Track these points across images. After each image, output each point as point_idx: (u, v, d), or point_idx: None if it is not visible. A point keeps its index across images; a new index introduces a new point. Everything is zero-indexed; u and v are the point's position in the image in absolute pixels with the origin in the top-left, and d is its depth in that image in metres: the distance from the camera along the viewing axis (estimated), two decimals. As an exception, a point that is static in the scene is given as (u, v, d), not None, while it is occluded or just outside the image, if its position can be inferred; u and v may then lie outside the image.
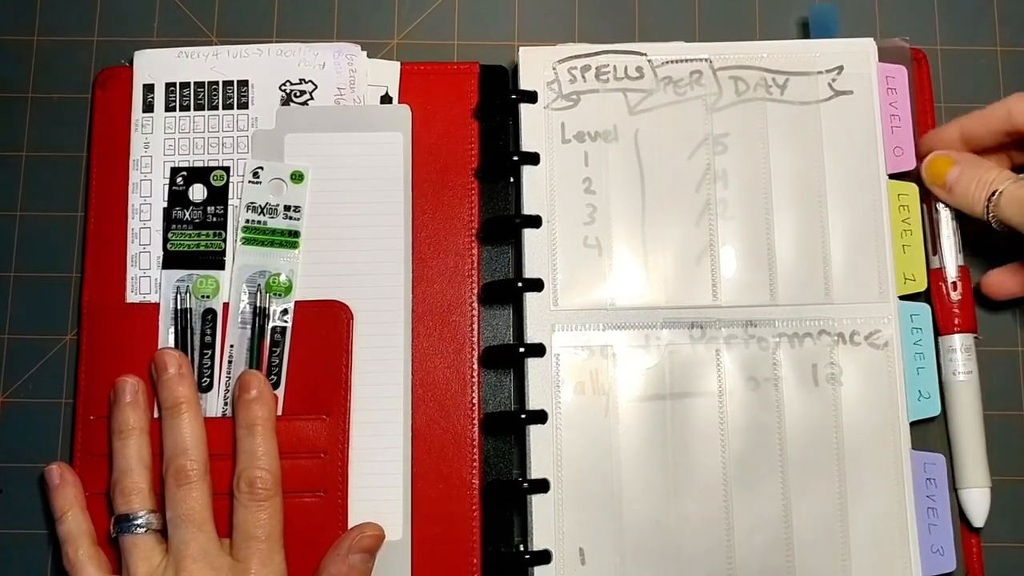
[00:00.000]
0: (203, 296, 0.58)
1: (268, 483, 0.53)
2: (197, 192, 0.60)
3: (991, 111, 0.57)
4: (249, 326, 0.57)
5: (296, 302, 0.58)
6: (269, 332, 0.57)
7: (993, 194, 0.55)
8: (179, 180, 0.60)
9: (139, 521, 0.53)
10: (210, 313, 0.58)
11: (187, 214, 0.59)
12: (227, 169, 0.60)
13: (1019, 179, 0.55)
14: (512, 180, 0.60)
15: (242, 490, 0.53)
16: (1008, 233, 0.56)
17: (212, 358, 0.57)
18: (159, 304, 0.58)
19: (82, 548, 0.54)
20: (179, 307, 0.58)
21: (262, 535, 0.53)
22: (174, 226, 0.59)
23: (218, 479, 0.55)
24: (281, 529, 0.54)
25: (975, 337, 0.59)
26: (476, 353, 0.59)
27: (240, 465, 0.54)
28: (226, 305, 0.58)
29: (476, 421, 0.58)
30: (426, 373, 0.58)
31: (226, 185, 0.60)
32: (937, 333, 0.59)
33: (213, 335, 0.58)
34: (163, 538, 0.53)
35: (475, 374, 0.58)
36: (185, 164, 0.60)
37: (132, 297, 0.58)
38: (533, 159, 0.60)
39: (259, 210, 0.59)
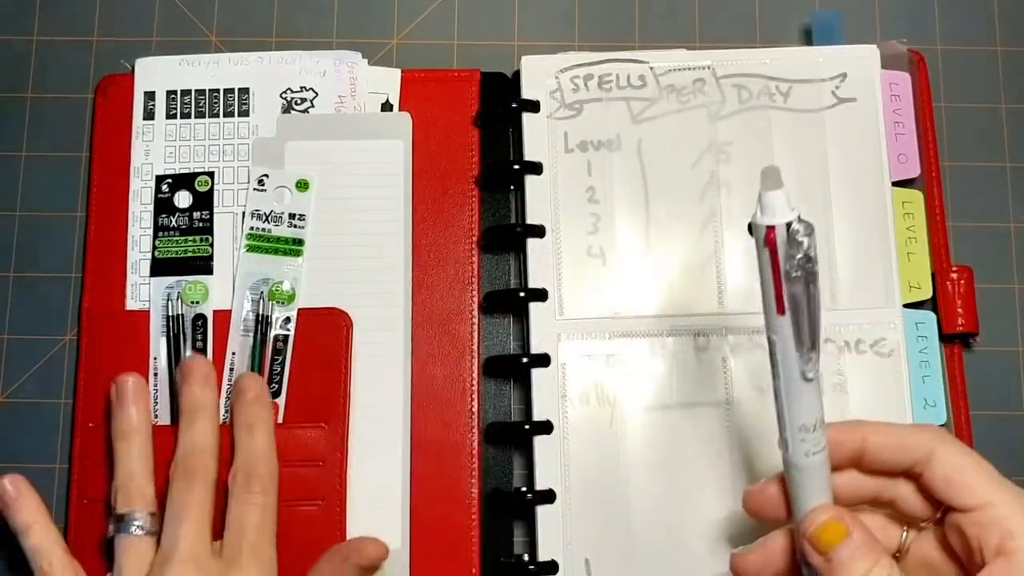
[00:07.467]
0: (193, 302, 0.58)
1: (264, 480, 0.52)
2: (183, 198, 0.59)
3: (909, 448, 0.46)
4: (251, 334, 0.57)
5: (298, 310, 0.58)
6: (271, 340, 0.57)
7: None
8: (164, 187, 0.59)
9: (138, 522, 0.51)
10: (200, 319, 0.57)
11: (173, 220, 0.59)
12: (211, 174, 0.60)
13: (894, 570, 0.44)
14: (512, 188, 0.60)
15: (238, 484, 0.52)
16: None
17: None
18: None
19: (55, 557, 0.52)
20: (169, 314, 0.57)
21: (254, 529, 0.51)
22: (161, 233, 0.59)
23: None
24: (275, 528, 0.52)
25: (974, 336, 0.59)
26: (476, 362, 0.58)
27: (238, 462, 0.53)
28: (217, 312, 0.58)
29: (476, 430, 0.57)
30: (426, 381, 0.58)
31: (211, 190, 0.59)
32: (942, 339, 0.59)
33: (204, 341, 0.57)
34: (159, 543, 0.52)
35: (475, 383, 0.58)
36: (186, 172, 0.60)
37: (132, 304, 0.58)
38: (536, 168, 0.59)
39: (264, 218, 0.58)
